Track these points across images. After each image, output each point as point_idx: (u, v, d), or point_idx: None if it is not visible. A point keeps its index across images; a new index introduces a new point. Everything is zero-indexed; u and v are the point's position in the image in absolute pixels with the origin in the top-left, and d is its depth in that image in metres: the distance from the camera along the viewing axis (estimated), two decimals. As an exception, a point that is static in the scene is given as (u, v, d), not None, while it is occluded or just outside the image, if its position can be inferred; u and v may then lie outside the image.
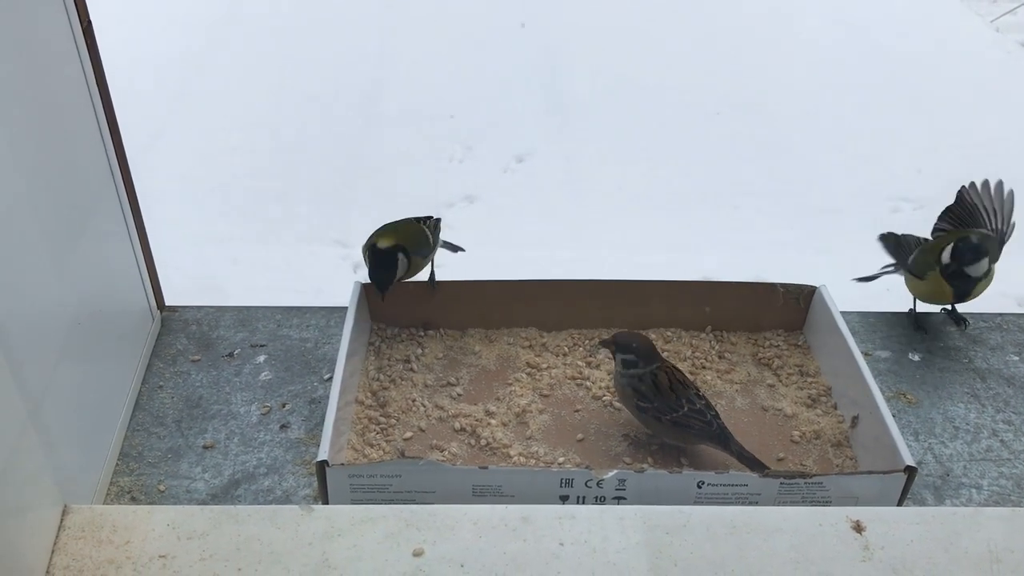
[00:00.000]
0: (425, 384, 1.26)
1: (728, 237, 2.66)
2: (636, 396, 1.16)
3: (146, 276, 1.34)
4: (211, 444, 1.20)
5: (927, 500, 1.14)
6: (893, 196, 2.88)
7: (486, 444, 1.18)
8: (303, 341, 1.37)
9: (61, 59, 1.09)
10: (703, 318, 1.35)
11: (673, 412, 1.14)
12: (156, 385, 1.29)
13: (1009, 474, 1.17)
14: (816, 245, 2.64)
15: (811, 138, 3.22)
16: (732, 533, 0.93)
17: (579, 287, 1.34)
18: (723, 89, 3.50)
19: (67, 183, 1.09)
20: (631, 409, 1.18)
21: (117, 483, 1.15)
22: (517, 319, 1.36)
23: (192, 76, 3.51)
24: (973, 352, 1.37)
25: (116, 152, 1.22)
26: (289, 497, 1.13)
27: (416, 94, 3.46)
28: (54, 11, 1.06)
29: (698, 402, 1.15)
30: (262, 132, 3.13)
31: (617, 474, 1.03)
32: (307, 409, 1.26)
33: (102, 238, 1.20)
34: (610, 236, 2.65)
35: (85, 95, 1.14)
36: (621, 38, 3.89)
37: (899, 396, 1.29)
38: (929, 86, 3.58)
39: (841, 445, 1.18)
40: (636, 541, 0.91)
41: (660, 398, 1.14)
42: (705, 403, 1.16)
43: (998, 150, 3.15)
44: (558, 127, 3.27)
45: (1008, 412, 1.26)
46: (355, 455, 1.14)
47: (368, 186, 2.87)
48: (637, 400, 1.16)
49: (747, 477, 1.04)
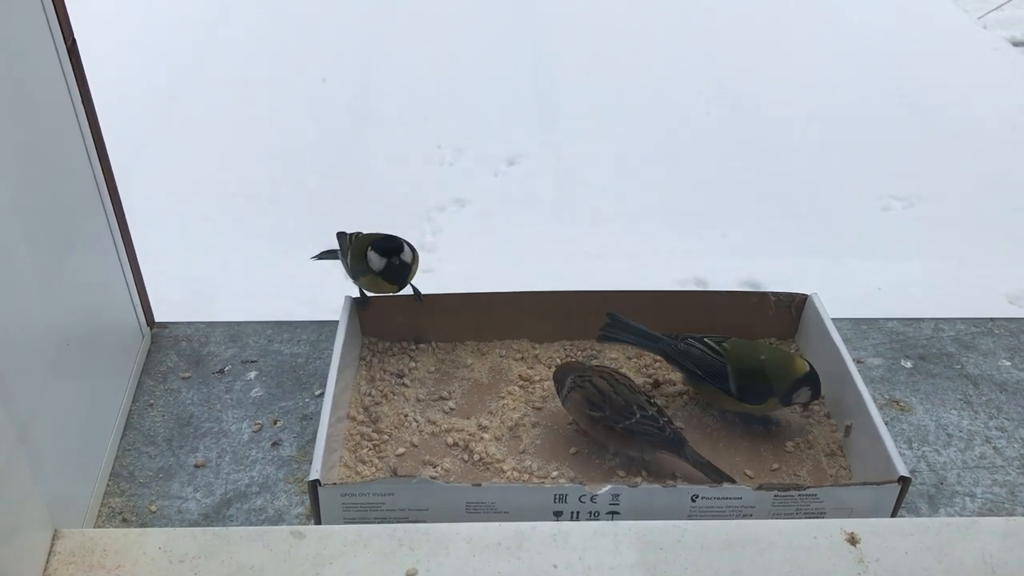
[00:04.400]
0: (417, 399, 1.26)
1: (719, 238, 2.66)
2: (586, 406, 1.15)
3: (135, 293, 1.33)
4: (202, 463, 1.19)
5: (921, 509, 1.14)
6: (883, 194, 2.89)
7: (479, 459, 1.17)
8: (294, 356, 1.36)
9: (45, 78, 1.08)
10: (695, 327, 1.35)
11: (626, 420, 1.13)
12: (147, 403, 1.28)
13: (1003, 481, 1.17)
14: (807, 243, 2.64)
15: (800, 135, 3.22)
16: (726, 548, 0.93)
17: (571, 298, 1.33)
18: (713, 89, 3.50)
19: (53, 203, 1.09)
20: (585, 424, 1.18)
21: (108, 504, 1.14)
22: (509, 331, 1.35)
23: (179, 86, 3.49)
24: (965, 358, 1.37)
25: (103, 170, 1.21)
26: (281, 516, 1.12)
27: (405, 97, 3.44)
28: (38, 30, 1.06)
29: (650, 408, 1.14)
30: (250, 140, 3.12)
31: (611, 489, 1.03)
32: (299, 426, 1.25)
33: (90, 257, 1.19)
34: (601, 240, 2.65)
35: (70, 113, 1.13)
36: (610, 40, 3.89)
37: (892, 403, 1.29)
38: (917, 83, 3.58)
39: (835, 454, 1.18)
40: (631, 559, 0.91)
41: (609, 405, 1.14)
42: (657, 409, 1.15)
43: (986, 146, 3.16)
44: (549, 130, 3.26)
45: (1001, 418, 1.26)
46: (348, 472, 1.14)
47: (358, 191, 2.86)
48: (588, 410, 1.15)
49: (741, 490, 1.04)
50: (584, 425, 1.18)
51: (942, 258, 2.56)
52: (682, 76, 3.59)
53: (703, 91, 3.48)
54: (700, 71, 3.63)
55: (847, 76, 3.63)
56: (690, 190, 2.89)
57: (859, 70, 3.68)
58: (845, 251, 2.60)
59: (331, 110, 3.33)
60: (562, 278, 2.36)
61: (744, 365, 1.19)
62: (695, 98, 3.43)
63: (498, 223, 2.72)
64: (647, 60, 3.71)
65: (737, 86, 3.53)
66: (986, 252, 2.60)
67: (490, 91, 3.48)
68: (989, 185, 2.92)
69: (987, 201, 2.84)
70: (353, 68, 3.64)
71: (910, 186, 2.91)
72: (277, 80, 3.52)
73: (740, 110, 3.37)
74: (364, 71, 3.63)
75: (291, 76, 3.55)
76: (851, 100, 3.46)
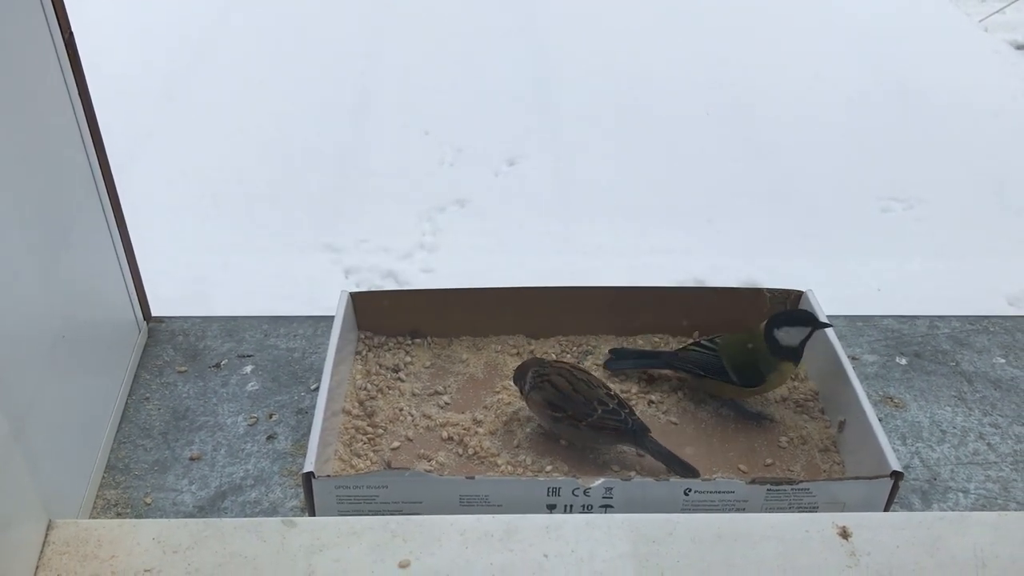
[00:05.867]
0: (413, 393, 1.26)
1: (718, 237, 2.66)
2: (547, 407, 1.15)
3: (132, 287, 1.34)
4: (198, 456, 1.20)
5: (914, 504, 1.14)
6: (883, 196, 2.89)
7: (474, 453, 1.17)
8: (290, 351, 1.37)
9: (43, 74, 1.08)
10: (691, 324, 1.36)
11: (588, 417, 1.14)
12: (143, 397, 1.29)
13: (996, 477, 1.17)
14: (807, 244, 2.64)
15: (800, 137, 3.22)
16: (718, 541, 0.93)
17: (566, 294, 1.34)
18: (712, 90, 3.50)
19: (50, 197, 1.09)
20: (549, 425, 1.18)
21: (103, 496, 1.14)
22: (505, 326, 1.36)
23: (180, 82, 3.50)
24: (960, 355, 1.37)
25: (100, 165, 1.22)
26: (276, 508, 1.13)
27: (405, 97, 3.45)
28: (36, 26, 1.06)
29: (610, 402, 1.15)
30: (249, 136, 3.12)
31: (604, 482, 1.03)
32: (294, 419, 1.25)
33: (87, 250, 1.20)
34: (601, 239, 2.65)
35: (68, 109, 1.14)
36: (610, 39, 3.90)
37: (886, 400, 1.29)
38: (917, 85, 3.58)
39: (828, 450, 1.18)
40: (622, 550, 0.91)
41: (569, 402, 1.14)
42: (618, 402, 1.16)
43: (987, 149, 3.16)
44: (549, 130, 3.26)
45: (995, 415, 1.27)
46: (342, 466, 1.14)
47: (358, 190, 2.86)
48: (550, 411, 1.15)
49: (734, 484, 1.04)
50: (548, 426, 1.19)
51: (942, 259, 2.56)
52: (682, 76, 3.59)
53: (703, 91, 3.48)
54: (700, 71, 3.64)
55: (848, 77, 3.64)
56: (690, 190, 2.89)
57: (860, 71, 3.69)
58: (845, 252, 2.60)
59: (331, 108, 3.33)
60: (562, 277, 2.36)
61: (735, 353, 1.22)
62: (695, 98, 3.43)
63: (498, 223, 2.72)
64: (647, 60, 3.71)
65: (736, 86, 3.53)
66: (986, 254, 2.60)
67: (490, 91, 3.49)
68: (990, 187, 2.92)
69: (988, 203, 2.84)
70: (353, 67, 3.65)
71: (910, 188, 2.91)
72: (277, 77, 3.53)
73: (739, 110, 3.37)
74: (364, 70, 3.64)
75: (291, 73, 3.56)
76: (851, 102, 3.46)
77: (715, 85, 3.52)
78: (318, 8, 4.14)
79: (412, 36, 3.93)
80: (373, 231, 2.62)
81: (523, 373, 1.20)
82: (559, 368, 1.18)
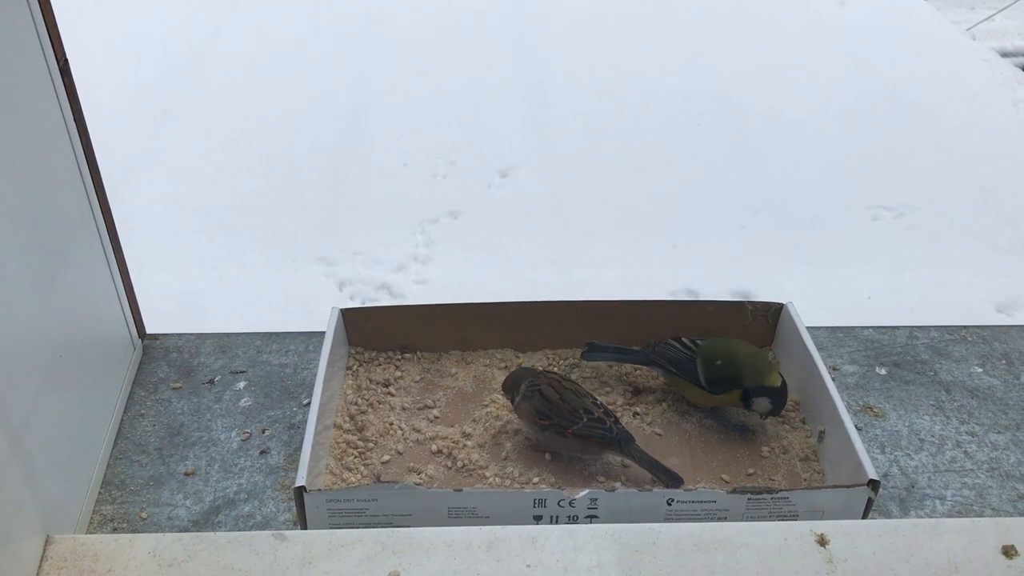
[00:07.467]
0: (403, 407, 1.29)
1: (710, 248, 2.69)
2: (535, 416, 1.18)
3: (126, 305, 1.36)
4: (192, 471, 1.22)
5: (892, 512, 1.17)
6: (873, 204, 2.92)
7: (462, 466, 1.20)
8: (282, 367, 1.39)
9: (38, 97, 1.11)
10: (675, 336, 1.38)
11: (574, 424, 1.16)
12: (138, 413, 1.31)
13: (972, 484, 1.20)
14: (798, 254, 2.67)
15: (791, 147, 3.25)
16: (699, 549, 0.95)
17: (553, 308, 1.36)
18: (704, 101, 3.53)
19: (45, 217, 1.12)
20: (536, 434, 1.21)
21: (100, 511, 1.17)
22: (492, 340, 1.38)
23: (174, 99, 3.53)
24: (938, 365, 1.40)
25: (94, 184, 1.25)
26: (269, 522, 1.15)
27: (398, 110, 3.48)
28: (30, 50, 1.09)
29: (596, 411, 1.17)
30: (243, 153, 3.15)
31: (588, 493, 1.06)
32: (287, 434, 1.28)
33: (82, 271, 1.22)
34: (593, 250, 2.68)
35: (62, 131, 1.17)
36: (602, 52, 3.93)
37: (866, 409, 1.32)
38: (907, 94, 3.62)
39: (809, 459, 1.21)
40: (605, 559, 0.94)
41: (556, 411, 1.17)
42: (604, 410, 1.18)
43: (975, 157, 3.19)
44: (541, 141, 3.30)
45: (972, 423, 1.29)
46: (333, 479, 1.16)
47: (351, 203, 2.89)
48: (537, 420, 1.18)
49: (716, 493, 1.07)
50: (535, 435, 1.21)
51: (931, 267, 2.59)
52: (673, 88, 3.63)
53: (694, 103, 3.51)
54: (691, 83, 3.67)
55: (837, 87, 3.67)
56: (681, 201, 2.92)
57: (849, 81, 3.72)
58: (835, 261, 2.63)
59: (324, 123, 3.36)
60: (554, 289, 2.39)
61: (713, 355, 1.25)
62: (686, 110, 3.47)
63: (491, 235, 2.75)
64: (638, 72, 3.75)
65: (728, 98, 3.57)
66: (975, 262, 2.63)
67: (483, 103, 3.52)
68: (978, 196, 2.96)
69: (977, 212, 2.88)
70: (347, 81, 3.68)
71: (900, 196, 2.94)
72: (270, 92, 3.56)
73: (731, 121, 3.41)
74: (358, 84, 3.67)
75: (284, 88, 3.59)
76: (841, 111, 3.49)
77: (707, 98, 3.56)
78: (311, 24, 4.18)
79: (405, 50, 3.97)
80: (367, 244, 2.65)
81: (514, 384, 1.22)
82: (549, 379, 1.21)
